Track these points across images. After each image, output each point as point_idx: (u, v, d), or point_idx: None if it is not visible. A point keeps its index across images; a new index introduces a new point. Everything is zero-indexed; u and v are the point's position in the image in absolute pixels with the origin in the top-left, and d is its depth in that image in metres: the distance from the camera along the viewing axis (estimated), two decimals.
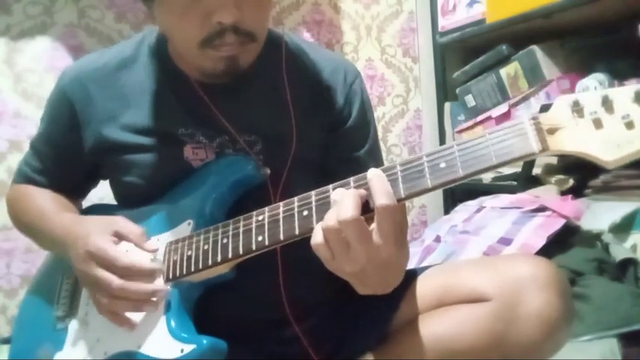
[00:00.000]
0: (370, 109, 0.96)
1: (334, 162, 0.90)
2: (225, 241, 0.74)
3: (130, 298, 0.75)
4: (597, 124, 0.56)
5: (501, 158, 0.59)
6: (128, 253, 0.78)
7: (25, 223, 0.94)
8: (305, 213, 0.67)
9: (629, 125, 0.55)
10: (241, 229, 0.73)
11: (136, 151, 0.84)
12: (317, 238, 0.62)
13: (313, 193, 0.68)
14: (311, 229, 0.64)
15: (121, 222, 0.81)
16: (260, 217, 0.72)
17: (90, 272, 0.76)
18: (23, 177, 0.96)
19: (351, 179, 0.66)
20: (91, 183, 0.98)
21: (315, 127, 0.88)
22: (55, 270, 0.94)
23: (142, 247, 0.79)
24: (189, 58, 0.81)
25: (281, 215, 0.70)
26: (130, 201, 0.89)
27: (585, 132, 0.57)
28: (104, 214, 0.90)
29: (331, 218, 0.61)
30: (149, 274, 0.76)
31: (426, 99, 2.11)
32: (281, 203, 0.71)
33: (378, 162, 0.94)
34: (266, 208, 0.72)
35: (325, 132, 0.89)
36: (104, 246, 0.76)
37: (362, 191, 0.62)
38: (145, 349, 0.75)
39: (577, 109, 0.57)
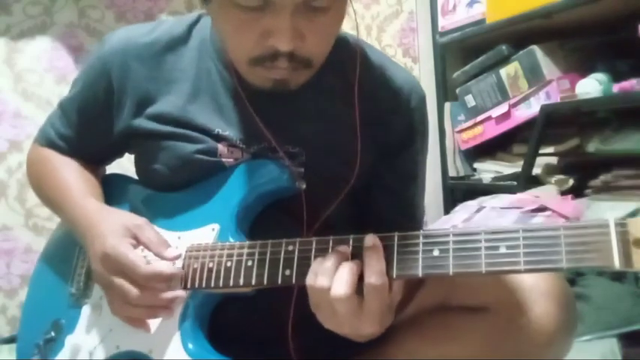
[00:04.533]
0: (427, 141, 0.89)
1: (377, 190, 0.85)
2: (249, 263, 0.70)
3: (145, 305, 0.72)
4: None
5: (573, 263, 0.52)
6: (148, 261, 0.73)
7: (46, 196, 0.90)
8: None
9: None
10: (268, 257, 0.69)
11: (168, 139, 0.80)
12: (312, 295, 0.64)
13: (351, 238, 0.65)
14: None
15: (144, 227, 0.76)
16: (290, 248, 0.68)
17: (105, 276, 0.73)
18: (47, 140, 0.92)
19: (351, 237, 0.64)
20: (116, 155, 0.95)
21: (369, 150, 0.82)
22: (71, 240, 0.89)
23: (163, 256, 0.75)
24: (237, 68, 0.77)
25: (313, 253, 0.66)
26: (154, 184, 0.86)
27: None
28: (124, 188, 0.88)
29: (324, 286, 0.62)
30: (168, 281, 0.72)
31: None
32: (314, 239, 0.67)
33: (420, 203, 0.90)
34: (297, 240, 0.68)
35: (376, 156, 0.83)
36: (124, 250, 0.71)
37: (358, 265, 0.62)
38: (156, 356, 0.74)
39: None
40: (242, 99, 0.79)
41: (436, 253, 0.59)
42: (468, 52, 1.93)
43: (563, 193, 1.55)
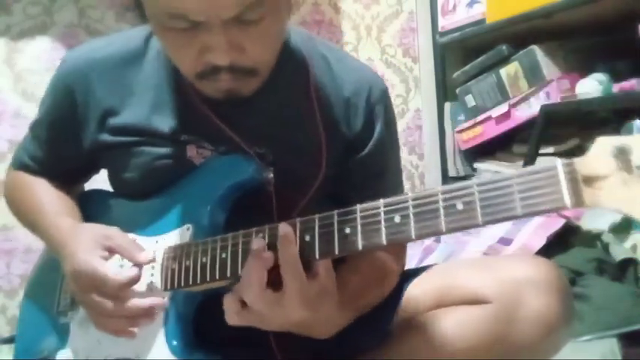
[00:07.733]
0: (394, 133, 0.89)
1: (347, 188, 0.85)
2: (224, 256, 0.71)
3: (125, 316, 0.73)
4: None
5: (527, 209, 0.53)
6: (120, 270, 0.74)
7: (25, 220, 0.92)
8: (307, 239, 0.65)
9: None
10: (240, 247, 0.70)
11: (134, 147, 0.82)
12: (231, 315, 0.66)
13: (317, 218, 0.65)
14: (312, 255, 0.64)
15: (113, 236, 0.77)
16: (260, 236, 0.68)
17: (80, 294, 0.74)
18: (20, 163, 0.94)
19: (267, 227, 0.67)
20: (90, 172, 0.95)
21: (334, 146, 0.83)
22: (55, 261, 0.90)
23: (137, 261, 0.75)
24: (190, 80, 0.78)
25: None
26: (129, 193, 0.87)
27: (632, 188, 0.48)
28: (102, 202, 0.89)
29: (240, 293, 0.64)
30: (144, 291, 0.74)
31: (426, 99, 2.11)
32: (283, 223, 0.67)
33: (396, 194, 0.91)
34: (266, 227, 0.68)
35: (343, 154, 0.84)
36: (93, 265, 0.72)
37: (269, 257, 0.63)
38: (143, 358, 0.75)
39: (623, 158, 0.49)
40: (205, 109, 0.80)
41: (460, 207, 0.56)
42: (468, 52, 1.93)
43: None
